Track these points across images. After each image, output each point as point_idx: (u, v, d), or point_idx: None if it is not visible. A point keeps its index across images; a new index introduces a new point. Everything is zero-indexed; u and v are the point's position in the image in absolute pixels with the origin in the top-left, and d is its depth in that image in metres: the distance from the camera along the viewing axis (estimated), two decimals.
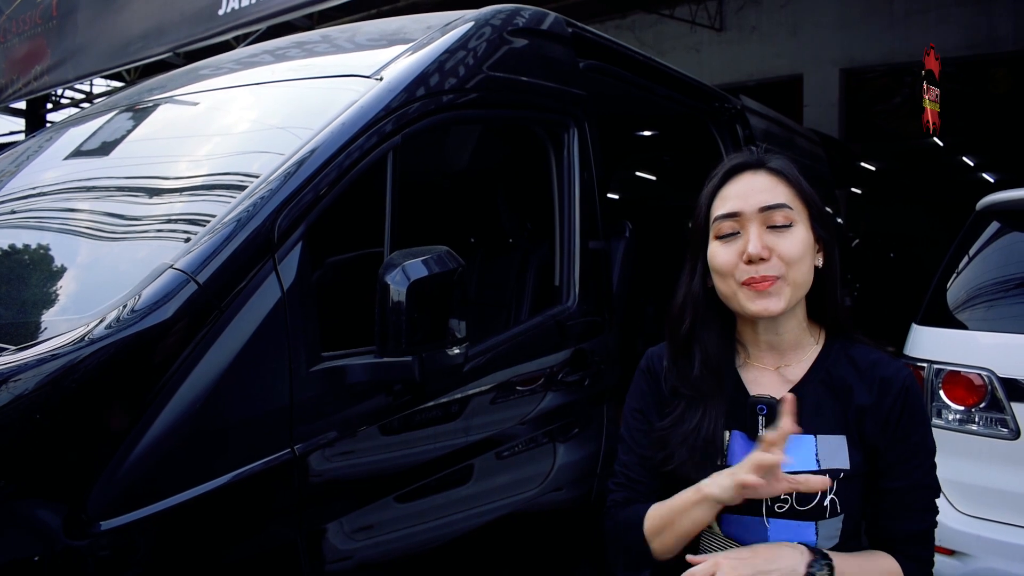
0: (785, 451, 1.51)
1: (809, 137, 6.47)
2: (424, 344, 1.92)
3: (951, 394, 3.29)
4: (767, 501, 1.55)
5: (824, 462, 1.55)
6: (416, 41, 2.56)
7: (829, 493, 1.53)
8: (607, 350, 2.86)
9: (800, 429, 1.47)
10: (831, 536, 1.56)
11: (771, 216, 1.56)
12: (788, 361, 1.65)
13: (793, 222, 1.56)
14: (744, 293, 1.56)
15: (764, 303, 1.54)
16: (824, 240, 1.63)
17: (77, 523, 1.53)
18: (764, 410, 1.59)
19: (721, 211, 1.60)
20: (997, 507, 3.15)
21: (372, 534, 2.06)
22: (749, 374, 1.66)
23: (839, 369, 1.62)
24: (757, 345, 1.67)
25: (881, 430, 1.57)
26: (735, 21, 12.98)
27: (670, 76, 3.87)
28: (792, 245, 1.55)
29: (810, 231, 1.59)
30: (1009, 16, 10.63)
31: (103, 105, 3.34)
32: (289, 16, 7.60)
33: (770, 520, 1.56)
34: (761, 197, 1.57)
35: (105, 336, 1.61)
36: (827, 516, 1.54)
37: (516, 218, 3.40)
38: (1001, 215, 3.63)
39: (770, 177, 1.60)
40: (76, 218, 2.35)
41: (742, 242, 1.56)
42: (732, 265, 1.56)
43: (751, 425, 1.60)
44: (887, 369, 1.61)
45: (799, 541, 1.54)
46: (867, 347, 1.67)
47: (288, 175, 1.97)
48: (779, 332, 1.64)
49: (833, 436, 1.57)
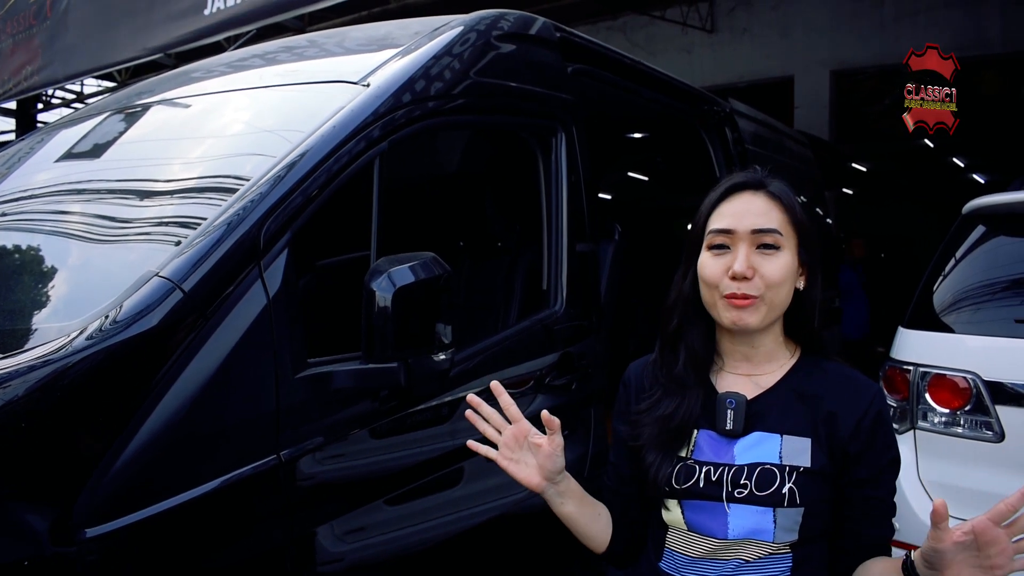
0: (750, 445, 1.64)
1: (798, 139, 6.49)
2: (410, 350, 1.93)
3: (937, 397, 3.31)
4: (728, 486, 1.62)
5: (786, 458, 1.62)
6: (404, 47, 2.57)
7: (788, 482, 1.59)
8: (595, 353, 2.87)
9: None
10: (789, 528, 1.62)
11: (761, 238, 1.64)
12: (761, 371, 1.73)
13: (781, 247, 1.64)
14: (723, 304, 1.64)
15: (739, 315, 1.63)
16: (808, 265, 1.71)
17: (63, 530, 1.53)
18: (732, 403, 1.66)
19: (716, 225, 1.68)
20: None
21: (362, 537, 2.07)
22: (723, 380, 1.74)
23: (811, 381, 1.70)
24: (732, 355, 1.74)
25: (854, 434, 1.64)
26: (726, 23, 13.00)
27: (658, 79, 3.88)
28: (776, 269, 1.63)
29: (795, 256, 1.67)
30: (998, 18, 10.69)
31: (94, 108, 3.35)
32: (277, 18, 7.58)
33: (730, 505, 1.62)
34: (755, 219, 1.65)
35: (92, 344, 1.62)
36: (785, 504, 1.60)
37: (504, 222, 3.41)
38: (987, 219, 3.66)
39: (767, 200, 1.68)
40: (65, 222, 2.35)
41: (730, 258, 1.64)
42: (718, 278, 1.64)
43: (720, 418, 1.67)
44: (859, 381, 1.70)
45: (756, 528, 1.61)
46: (840, 364, 1.75)
47: (275, 181, 1.98)
48: (754, 345, 1.71)
49: (799, 438, 1.64)
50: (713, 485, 1.62)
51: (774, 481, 1.59)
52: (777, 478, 1.59)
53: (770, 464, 1.61)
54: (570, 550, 2.79)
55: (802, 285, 1.70)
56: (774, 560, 1.64)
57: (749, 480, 1.60)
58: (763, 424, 1.66)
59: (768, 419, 1.65)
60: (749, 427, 1.66)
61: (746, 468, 1.61)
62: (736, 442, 1.65)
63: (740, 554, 1.64)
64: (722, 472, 1.63)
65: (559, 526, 1.70)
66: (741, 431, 1.65)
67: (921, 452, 3.34)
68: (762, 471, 1.60)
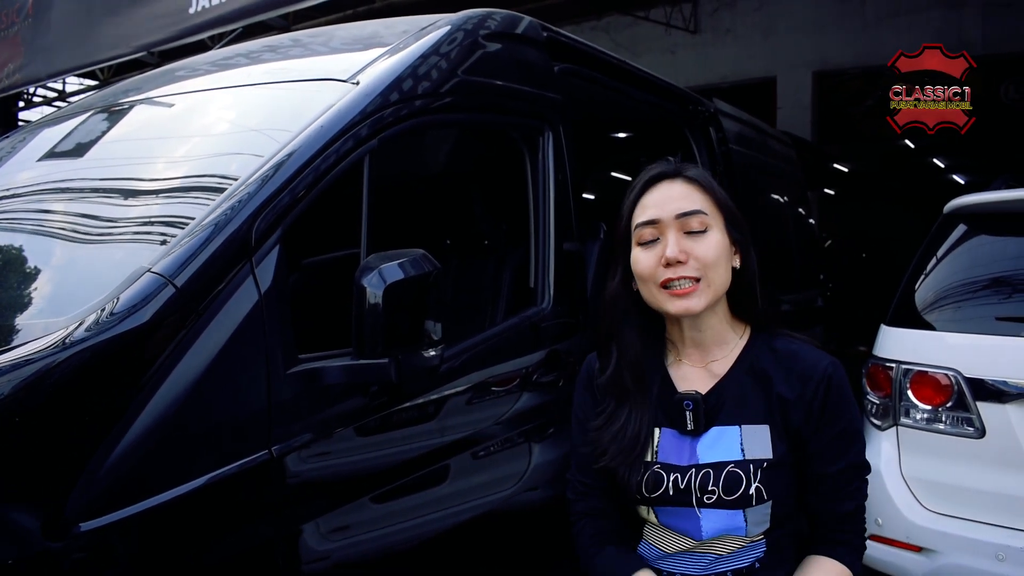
0: (712, 442, 1.66)
1: (781, 139, 6.53)
2: (400, 346, 1.94)
3: (919, 394, 3.35)
4: (696, 492, 1.64)
5: (748, 452, 1.65)
6: (392, 45, 2.57)
7: (754, 481, 1.60)
8: (581, 351, 2.88)
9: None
10: (760, 522, 1.65)
11: (687, 222, 1.66)
12: (714, 356, 1.75)
13: (708, 227, 1.67)
14: (664, 296, 1.67)
15: (685, 303, 1.65)
16: (739, 242, 1.73)
17: (56, 525, 1.53)
18: (690, 405, 1.69)
19: (641, 219, 1.71)
20: (963, 504, 3.21)
21: (349, 534, 2.08)
22: (679, 371, 1.77)
23: (761, 360, 1.73)
24: (683, 343, 1.77)
25: (805, 420, 1.67)
26: (709, 23, 13.06)
27: (644, 79, 3.90)
28: (707, 248, 1.65)
29: (725, 235, 1.70)
30: (978, 19, 10.79)
31: (78, 106, 3.33)
32: (262, 17, 7.56)
33: (701, 510, 1.65)
34: (678, 204, 1.68)
35: (84, 339, 1.62)
36: (754, 503, 1.63)
37: (491, 221, 3.42)
38: (968, 218, 3.70)
39: (686, 185, 1.71)
40: (53, 220, 2.35)
41: (661, 247, 1.66)
42: (653, 268, 1.67)
43: (679, 419, 1.70)
44: (807, 360, 1.71)
45: (729, 527, 1.64)
46: (788, 338, 1.77)
47: (265, 179, 1.98)
48: (701, 329, 1.74)
49: (757, 426, 1.67)
50: (682, 492, 1.65)
51: (740, 483, 1.62)
52: (743, 480, 1.62)
53: (733, 463, 1.63)
54: (556, 547, 2.82)
55: (738, 263, 1.72)
56: (749, 549, 1.67)
57: (716, 486, 1.62)
58: (722, 416, 1.68)
59: (726, 410, 1.68)
60: (709, 422, 1.68)
61: (712, 471, 1.63)
62: (698, 440, 1.68)
63: (716, 549, 1.67)
64: (689, 478, 1.65)
65: (546, 523, 1.72)
66: (702, 430, 1.68)
67: (904, 449, 3.37)
68: (728, 474, 1.62)
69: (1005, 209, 3.63)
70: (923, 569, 3.19)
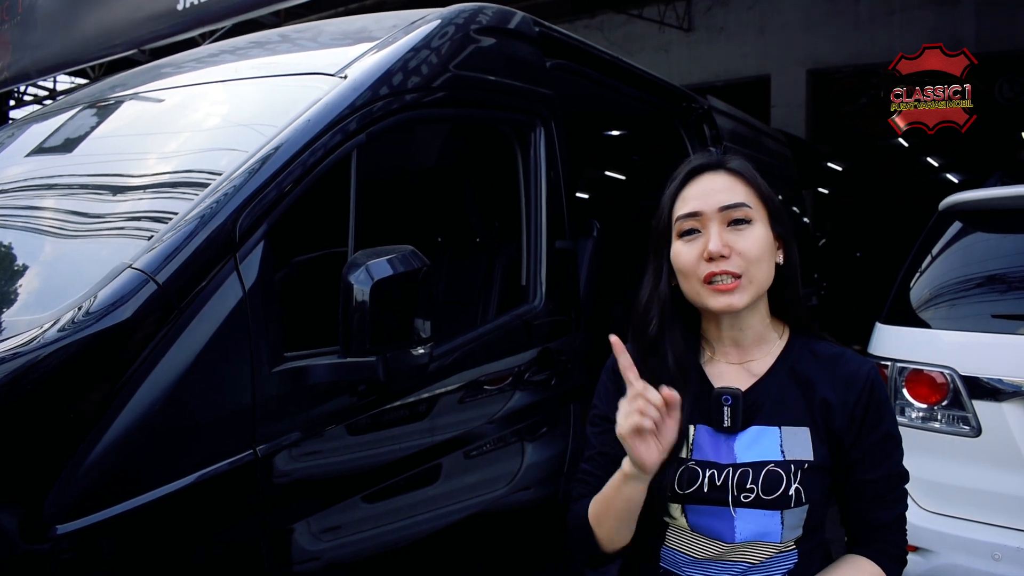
0: (751, 441, 1.58)
1: (776, 137, 6.52)
2: (388, 344, 1.91)
3: (914, 392, 3.32)
4: (733, 491, 1.57)
5: (788, 453, 1.58)
6: (381, 39, 2.54)
7: (794, 482, 1.55)
8: (574, 349, 2.86)
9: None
10: (795, 526, 1.59)
11: (730, 215, 1.59)
12: (752, 356, 1.68)
13: (752, 220, 1.60)
14: (707, 292, 1.59)
15: (727, 299, 1.57)
16: (783, 238, 1.67)
17: (33, 527, 1.50)
18: (729, 400, 1.61)
19: (683, 211, 1.63)
20: (959, 504, 3.19)
21: (340, 534, 2.05)
22: (714, 369, 1.69)
23: (802, 363, 1.66)
24: (721, 341, 1.69)
25: (848, 425, 1.60)
26: (703, 22, 13.06)
27: (637, 76, 3.88)
28: (751, 243, 1.58)
29: (769, 229, 1.63)
30: (971, 18, 10.81)
31: (65, 102, 3.30)
32: (252, 14, 7.53)
33: (737, 510, 1.57)
34: (721, 197, 1.61)
35: (63, 336, 1.58)
36: (792, 505, 1.56)
37: (483, 217, 3.39)
38: (963, 215, 3.68)
39: (729, 177, 1.64)
40: (36, 216, 2.32)
41: (703, 240, 1.59)
42: (694, 263, 1.59)
43: (716, 415, 1.62)
44: (850, 364, 1.65)
45: (764, 531, 1.57)
46: (829, 343, 1.70)
47: (250, 173, 1.95)
48: (742, 328, 1.66)
49: (797, 428, 1.60)
50: (718, 489, 1.57)
51: (780, 483, 1.55)
52: (783, 479, 1.55)
53: (774, 462, 1.56)
54: (547, 548, 2.79)
55: (781, 259, 1.66)
56: (780, 558, 1.60)
57: (755, 484, 1.56)
58: (761, 416, 1.61)
59: (765, 410, 1.60)
60: (747, 421, 1.61)
61: (751, 470, 1.56)
62: (735, 438, 1.60)
63: (747, 557, 1.60)
64: (727, 475, 1.57)
65: (536, 524, 1.67)
66: (740, 427, 1.60)
67: None
68: (768, 472, 1.56)
69: (1000, 206, 3.62)
70: (919, 569, 3.17)
